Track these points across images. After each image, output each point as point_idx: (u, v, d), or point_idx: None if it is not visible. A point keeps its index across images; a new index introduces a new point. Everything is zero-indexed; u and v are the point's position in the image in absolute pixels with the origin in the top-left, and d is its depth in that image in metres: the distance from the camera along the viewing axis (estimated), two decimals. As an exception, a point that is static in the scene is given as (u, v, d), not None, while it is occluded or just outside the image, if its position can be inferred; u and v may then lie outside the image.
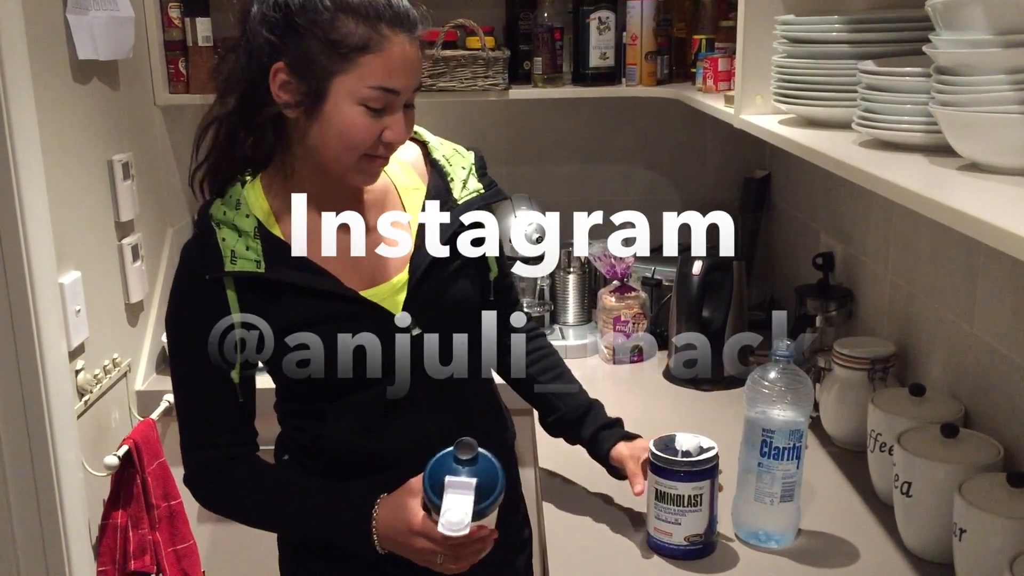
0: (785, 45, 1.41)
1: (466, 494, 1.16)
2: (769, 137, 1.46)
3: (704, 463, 1.37)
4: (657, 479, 1.39)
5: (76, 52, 1.84)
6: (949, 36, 0.98)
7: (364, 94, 1.17)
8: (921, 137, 1.12)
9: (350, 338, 1.25)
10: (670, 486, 1.37)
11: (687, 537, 1.38)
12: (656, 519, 1.40)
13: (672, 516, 1.38)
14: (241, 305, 1.24)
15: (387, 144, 1.22)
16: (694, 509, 1.37)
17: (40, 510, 1.72)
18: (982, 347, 1.48)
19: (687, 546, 1.39)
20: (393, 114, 1.21)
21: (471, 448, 1.18)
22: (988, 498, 1.22)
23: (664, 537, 1.40)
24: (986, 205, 0.86)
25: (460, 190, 1.34)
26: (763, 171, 2.57)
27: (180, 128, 2.42)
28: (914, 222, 1.70)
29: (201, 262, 1.24)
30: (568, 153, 2.66)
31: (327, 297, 1.26)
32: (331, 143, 1.21)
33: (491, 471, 1.19)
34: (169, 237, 2.34)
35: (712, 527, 1.40)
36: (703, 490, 1.37)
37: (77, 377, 1.83)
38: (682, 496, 1.37)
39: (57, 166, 1.76)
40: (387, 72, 1.17)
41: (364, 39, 1.16)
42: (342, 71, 1.17)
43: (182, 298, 1.28)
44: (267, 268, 1.23)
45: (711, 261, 2.06)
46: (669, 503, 1.38)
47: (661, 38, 2.35)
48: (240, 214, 1.25)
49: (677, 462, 1.37)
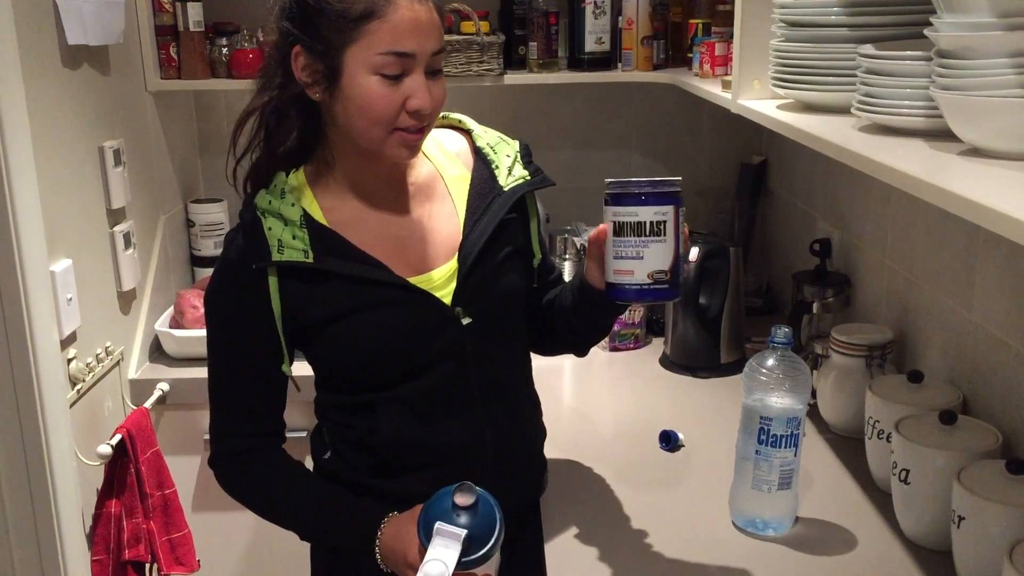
0: (783, 29, 1.40)
1: (453, 546, 1.11)
2: (767, 122, 1.45)
3: (665, 184, 1.21)
4: (615, 210, 1.22)
5: (65, 37, 1.81)
6: (951, 19, 0.96)
7: (376, 61, 1.16)
8: (922, 122, 1.11)
9: (399, 325, 1.25)
10: (629, 213, 1.20)
11: (650, 274, 1.21)
12: (615, 259, 1.23)
13: (632, 249, 1.21)
14: (282, 295, 1.23)
15: (413, 112, 1.19)
16: (657, 239, 1.20)
17: (33, 500, 1.71)
18: (981, 333, 1.48)
19: (651, 284, 1.21)
20: (413, 81, 1.18)
21: (471, 493, 1.14)
22: (987, 485, 1.21)
23: (625, 278, 1.22)
24: (987, 190, 0.85)
25: (505, 177, 1.33)
26: (760, 157, 2.56)
27: (172, 114, 2.40)
28: (912, 208, 1.69)
29: (247, 251, 1.23)
30: (564, 139, 2.65)
31: (376, 285, 1.24)
32: (355, 119, 1.20)
33: (489, 518, 1.14)
34: (161, 224, 2.32)
35: (678, 265, 1.23)
36: (667, 216, 1.20)
37: (69, 366, 1.82)
38: (643, 224, 1.20)
39: (47, 153, 1.74)
40: (395, 36, 1.15)
41: (368, 5, 1.15)
42: (352, 41, 1.16)
43: (224, 286, 1.28)
44: (315, 257, 1.23)
45: (708, 248, 2.05)
46: (629, 234, 1.21)
47: (657, 22, 2.33)
48: (286, 203, 1.24)
49: (635, 183, 1.21)
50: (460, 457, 1.28)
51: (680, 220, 1.22)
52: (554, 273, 1.47)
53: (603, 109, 2.64)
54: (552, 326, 1.42)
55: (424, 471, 1.30)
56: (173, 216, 2.41)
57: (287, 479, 1.33)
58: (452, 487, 1.15)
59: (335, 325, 1.25)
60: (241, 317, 1.26)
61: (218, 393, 1.32)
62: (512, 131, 1.42)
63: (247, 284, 1.24)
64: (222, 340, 1.30)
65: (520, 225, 1.36)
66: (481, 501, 1.14)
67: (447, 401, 1.29)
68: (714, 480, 1.56)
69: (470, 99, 2.52)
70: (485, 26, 2.29)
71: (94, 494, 1.91)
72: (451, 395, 1.29)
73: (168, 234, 2.36)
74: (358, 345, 1.25)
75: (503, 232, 1.31)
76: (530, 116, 2.61)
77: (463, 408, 1.30)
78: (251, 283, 1.23)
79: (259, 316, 1.24)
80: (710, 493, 1.54)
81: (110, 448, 1.86)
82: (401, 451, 1.29)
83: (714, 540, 1.42)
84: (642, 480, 1.62)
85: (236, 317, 1.27)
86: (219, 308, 1.29)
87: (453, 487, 1.15)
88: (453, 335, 1.27)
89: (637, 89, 2.58)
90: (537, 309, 1.43)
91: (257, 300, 1.24)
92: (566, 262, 2.39)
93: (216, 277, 1.29)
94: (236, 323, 1.27)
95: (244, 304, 1.25)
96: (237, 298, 1.26)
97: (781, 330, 1.39)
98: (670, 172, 2.67)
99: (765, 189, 2.54)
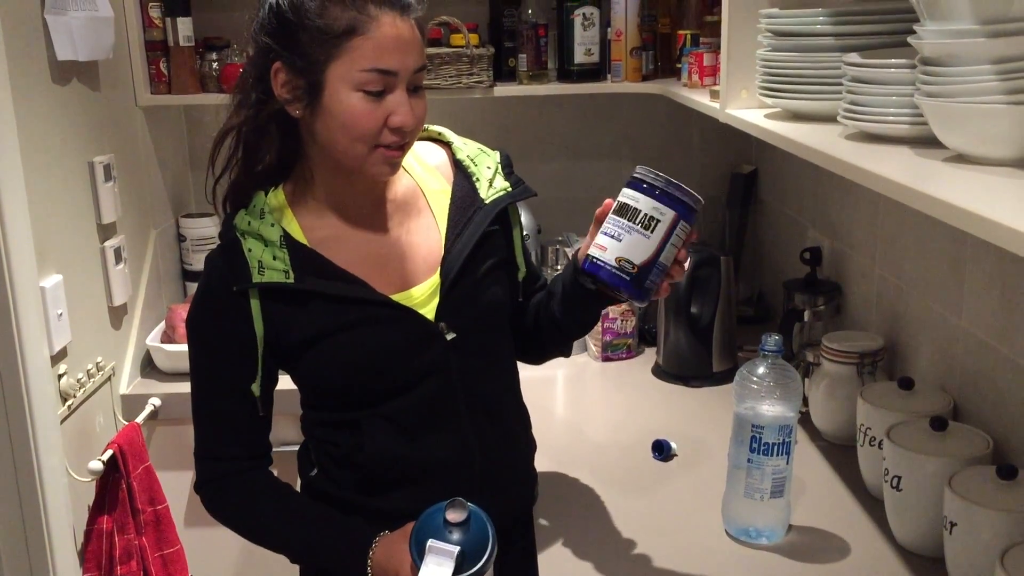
0: (770, 39, 1.41)
1: (446, 564, 1.11)
2: (755, 131, 1.46)
3: (680, 192, 1.19)
4: (624, 191, 1.21)
5: (55, 53, 1.82)
6: (934, 27, 0.97)
7: (359, 78, 1.15)
8: (907, 129, 1.11)
9: (383, 343, 1.24)
10: (632, 197, 1.19)
11: (619, 259, 1.19)
12: (600, 233, 1.22)
13: (617, 229, 1.19)
14: (265, 316, 1.22)
15: (394, 129, 1.18)
16: (642, 232, 1.18)
17: (24, 516, 1.70)
18: (970, 339, 1.48)
19: (614, 268, 1.19)
20: (395, 97, 1.17)
21: (462, 509, 1.13)
22: (978, 491, 1.21)
23: (597, 251, 1.21)
24: (973, 196, 0.86)
25: (486, 190, 1.32)
26: (750, 166, 2.56)
27: (162, 129, 2.41)
28: (901, 215, 1.70)
29: (227, 273, 1.22)
30: (554, 150, 2.65)
31: (358, 303, 1.23)
32: (337, 136, 1.18)
33: (481, 534, 1.13)
34: (152, 239, 2.32)
35: (647, 272, 1.19)
36: (663, 217, 1.18)
37: (60, 382, 1.81)
38: (638, 211, 1.18)
39: (37, 168, 1.74)
40: (378, 52, 1.15)
41: (351, 22, 1.14)
42: (334, 58, 1.15)
43: (205, 308, 1.26)
44: (296, 278, 1.21)
45: (699, 257, 2.05)
46: (622, 215, 1.20)
47: (646, 34, 2.34)
48: (265, 224, 1.23)
49: (657, 175, 1.19)
50: (447, 473, 1.27)
51: (676, 234, 1.20)
52: (540, 281, 1.46)
53: (593, 120, 2.64)
54: (537, 323, 1.40)
55: (410, 487, 1.28)
56: (164, 231, 2.41)
57: (275, 501, 1.31)
58: (443, 504, 1.14)
59: (318, 345, 1.23)
60: (223, 339, 1.25)
61: (202, 417, 1.30)
62: (502, 142, 1.42)
63: (228, 306, 1.22)
64: (204, 363, 1.28)
65: (503, 237, 1.35)
66: (473, 517, 1.13)
67: (432, 417, 1.28)
68: (707, 489, 1.56)
69: (460, 111, 2.53)
70: (475, 38, 2.30)
71: (85, 510, 1.90)
72: (436, 411, 1.28)
73: (159, 249, 2.35)
74: (342, 364, 1.24)
75: (485, 245, 1.30)
76: (520, 127, 2.62)
77: (449, 424, 1.28)
78: (233, 305, 1.22)
79: (241, 338, 1.23)
80: (703, 502, 1.54)
81: (101, 464, 1.85)
82: (387, 468, 1.28)
83: (707, 549, 1.42)
84: (635, 490, 1.62)
85: (218, 340, 1.25)
86: (200, 331, 1.28)
87: (444, 504, 1.14)
88: (437, 351, 1.25)
89: (627, 100, 2.59)
90: (523, 318, 1.42)
91: (239, 322, 1.22)
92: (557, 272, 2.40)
93: (197, 300, 1.27)
94: (218, 345, 1.26)
95: (226, 327, 1.23)
96: (219, 321, 1.24)
97: (771, 338, 1.39)
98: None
99: (755, 198, 2.55)
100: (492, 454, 1.31)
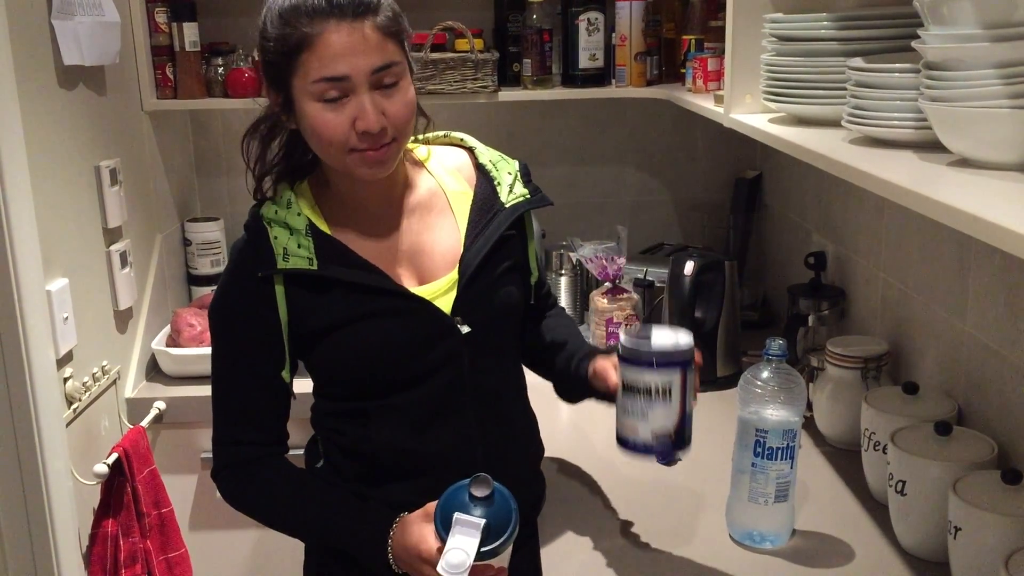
0: (774, 43, 1.41)
1: (472, 535, 1.13)
2: (759, 136, 1.46)
3: (674, 352, 1.23)
4: (624, 368, 1.25)
5: (62, 58, 1.83)
6: (938, 31, 0.97)
7: (313, 89, 1.19)
8: (911, 133, 1.12)
9: (399, 334, 1.27)
10: (638, 375, 1.23)
11: (655, 434, 1.24)
12: (622, 414, 1.27)
13: (639, 409, 1.24)
14: (288, 302, 1.26)
15: (362, 134, 1.20)
16: (663, 402, 1.23)
17: (29, 520, 1.70)
18: (975, 344, 1.48)
19: (653, 443, 1.25)
20: (355, 102, 1.19)
21: (487, 485, 1.16)
22: (983, 496, 1.21)
23: (630, 434, 1.26)
24: (977, 200, 0.86)
25: (507, 194, 1.37)
26: (754, 171, 2.56)
27: (168, 133, 2.41)
28: (905, 220, 1.70)
29: (253, 259, 1.26)
30: (558, 155, 2.66)
31: (377, 293, 1.27)
32: (313, 143, 1.25)
33: (505, 509, 1.16)
34: (158, 243, 2.33)
35: (683, 429, 1.26)
36: (674, 381, 1.22)
37: (65, 385, 1.82)
38: (648, 387, 1.23)
39: (43, 172, 1.75)
40: (324, 62, 1.18)
41: (300, 38, 1.18)
42: (292, 73, 1.21)
43: (230, 294, 1.30)
44: (319, 265, 1.25)
45: (703, 261, 2.05)
46: (636, 394, 1.24)
47: (650, 39, 2.35)
48: (292, 213, 1.28)
49: (644, 348, 1.23)
50: (449, 467, 1.28)
51: (688, 380, 1.24)
52: (545, 288, 1.52)
53: (597, 125, 2.65)
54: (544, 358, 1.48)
55: (412, 480, 1.31)
56: (170, 235, 2.41)
57: (294, 486, 1.33)
58: (466, 481, 1.17)
59: (336, 333, 1.27)
60: (247, 324, 1.29)
61: (223, 402, 1.33)
62: (507, 148, 1.44)
63: (254, 292, 1.26)
64: (228, 349, 1.32)
65: (519, 242, 1.39)
66: (496, 493, 1.16)
67: (441, 410, 1.31)
68: (711, 493, 1.56)
69: (465, 116, 2.53)
70: (479, 43, 2.31)
71: (90, 514, 1.90)
72: (445, 405, 1.31)
73: (165, 253, 2.36)
74: (358, 353, 1.27)
75: (503, 247, 1.34)
76: (524, 133, 2.62)
77: (455, 418, 1.31)
78: (258, 291, 1.26)
79: (266, 323, 1.27)
80: (707, 506, 1.54)
81: (106, 467, 1.85)
82: (392, 459, 1.31)
83: (711, 553, 1.42)
84: (639, 494, 1.62)
85: (242, 325, 1.29)
86: (226, 317, 1.31)
87: (467, 480, 1.17)
88: (452, 344, 1.28)
89: (631, 105, 2.59)
90: (531, 327, 1.47)
91: (264, 307, 1.26)
92: (562, 277, 2.40)
93: (222, 287, 1.32)
94: (242, 331, 1.29)
95: (251, 312, 1.27)
96: (244, 306, 1.28)
97: (776, 342, 1.39)
98: (665, 188, 2.69)
99: (760, 203, 2.55)
100: (494, 452, 1.33)
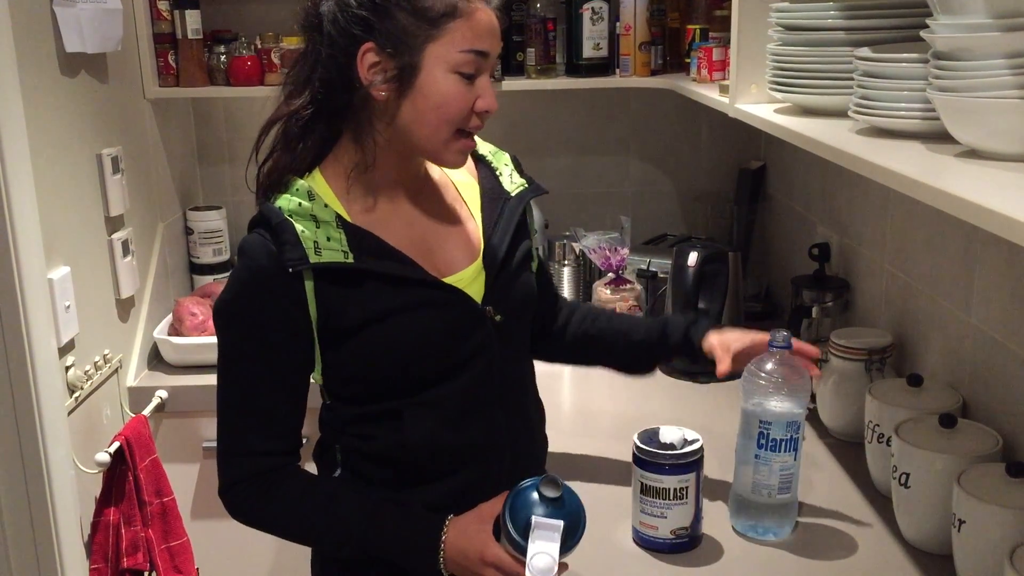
0: (780, 32, 1.40)
1: (553, 538, 1.12)
2: (764, 126, 1.45)
3: (689, 456, 1.36)
4: (641, 472, 1.38)
5: (63, 45, 1.82)
6: (947, 20, 0.96)
7: (457, 59, 1.17)
8: (919, 124, 1.11)
9: (436, 325, 1.24)
10: (655, 479, 1.36)
11: (673, 531, 1.37)
12: (641, 513, 1.39)
13: (657, 510, 1.37)
14: (318, 298, 1.19)
15: (480, 114, 1.21)
16: (680, 502, 1.36)
17: (31, 508, 1.71)
18: (980, 336, 1.47)
19: (673, 539, 1.38)
20: (484, 81, 1.21)
21: (557, 486, 1.14)
22: (987, 488, 1.21)
23: (649, 531, 1.39)
24: (985, 191, 0.85)
25: (509, 183, 1.37)
26: (758, 161, 2.55)
27: (170, 121, 2.41)
28: (910, 211, 1.69)
29: (279, 255, 1.17)
30: (562, 144, 2.65)
31: (413, 285, 1.23)
32: (428, 116, 1.19)
33: (576, 509, 1.15)
34: (160, 231, 2.32)
35: (698, 520, 1.39)
36: (688, 483, 1.36)
37: (67, 373, 1.82)
38: (667, 489, 1.35)
39: (45, 160, 1.74)
40: (476, 35, 1.18)
41: (451, 5, 1.17)
42: (433, 39, 1.17)
43: (250, 294, 1.20)
44: (355, 258, 1.20)
45: (706, 252, 2.05)
46: (654, 496, 1.36)
47: (655, 28, 2.34)
48: (318, 204, 1.20)
49: (661, 455, 1.36)
50: (482, 461, 1.28)
51: (701, 477, 1.38)
52: (545, 276, 1.52)
53: (601, 115, 2.64)
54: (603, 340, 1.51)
55: (448, 479, 1.28)
56: (172, 224, 2.41)
57: (325, 496, 1.25)
58: (528, 482, 1.16)
59: (373, 327, 1.21)
60: (271, 325, 1.20)
61: (240, 410, 1.23)
62: (511, 137, 1.44)
63: (280, 290, 1.18)
64: (246, 351, 1.22)
65: (526, 230, 1.39)
66: (566, 492, 1.15)
67: (472, 403, 1.28)
68: (714, 485, 1.56)
69: (468, 105, 2.52)
70: (483, 32, 2.30)
71: (92, 502, 1.91)
72: (477, 397, 1.28)
73: (166, 241, 2.36)
74: (396, 347, 1.22)
75: (517, 235, 1.34)
76: (528, 122, 2.61)
77: (484, 410, 1.29)
78: (285, 288, 1.18)
79: (294, 323, 1.20)
80: (710, 498, 1.54)
81: (108, 456, 1.85)
82: (427, 457, 1.27)
83: (715, 545, 1.42)
84: (642, 485, 1.61)
85: (265, 325, 1.20)
86: (243, 317, 1.22)
87: (529, 482, 1.15)
88: (484, 334, 1.26)
89: (635, 94, 2.58)
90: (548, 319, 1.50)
91: (292, 306, 1.19)
92: (565, 268, 2.39)
93: (237, 286, 1.22)
94: (265, 332, 1.20)
95: (276, 311, 1.19)
96: (268, 305, 1.20)
97: (780, 333, 1.38)
98: (669, 178, 2.68)
99: (764, 194, 2.54)
100: (516, 444, 1.33)
